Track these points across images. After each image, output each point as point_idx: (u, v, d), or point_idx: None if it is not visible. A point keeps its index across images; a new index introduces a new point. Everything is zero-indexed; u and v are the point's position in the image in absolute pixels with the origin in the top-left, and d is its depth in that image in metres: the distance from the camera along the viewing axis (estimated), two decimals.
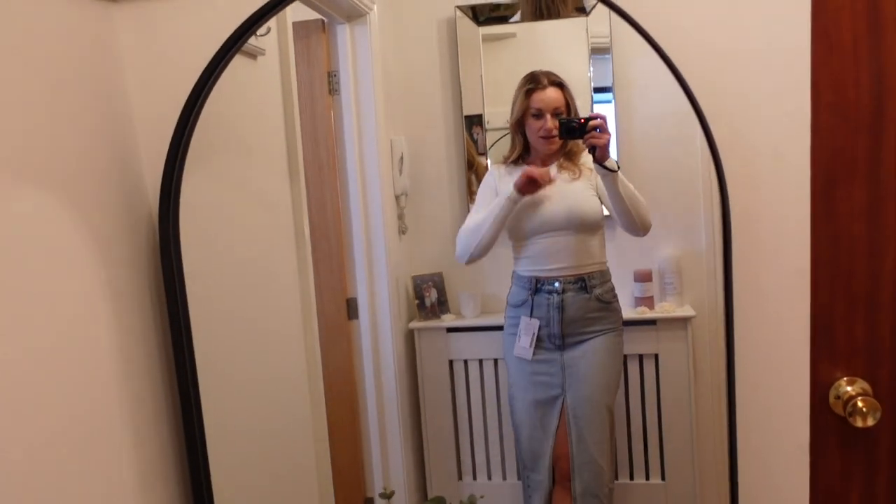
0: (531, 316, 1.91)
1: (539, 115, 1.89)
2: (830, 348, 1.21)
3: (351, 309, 2.17)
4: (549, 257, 1.89)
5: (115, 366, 1.01)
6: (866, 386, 1.22)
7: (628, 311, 2.08)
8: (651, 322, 2.18)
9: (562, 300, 1.90)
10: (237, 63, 1.39)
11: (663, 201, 2.22)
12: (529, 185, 1.86)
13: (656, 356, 2.19)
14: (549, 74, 1.89)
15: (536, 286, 1.91)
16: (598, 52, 2.27)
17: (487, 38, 2.28)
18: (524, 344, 1.91)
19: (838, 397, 1.22)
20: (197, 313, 1.12)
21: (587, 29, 2.24)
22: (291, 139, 1.65)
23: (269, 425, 1.45)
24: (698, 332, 2.23)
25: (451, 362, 2.24)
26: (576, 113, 1.92)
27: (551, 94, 1.89)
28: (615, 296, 1.96)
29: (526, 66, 2.04)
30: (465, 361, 2.23)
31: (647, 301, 2.25)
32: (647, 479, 2.12)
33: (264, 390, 1.45)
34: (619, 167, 1.83)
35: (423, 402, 2.26)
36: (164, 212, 1.05)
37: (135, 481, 1.04)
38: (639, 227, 1.90)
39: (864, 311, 1.20)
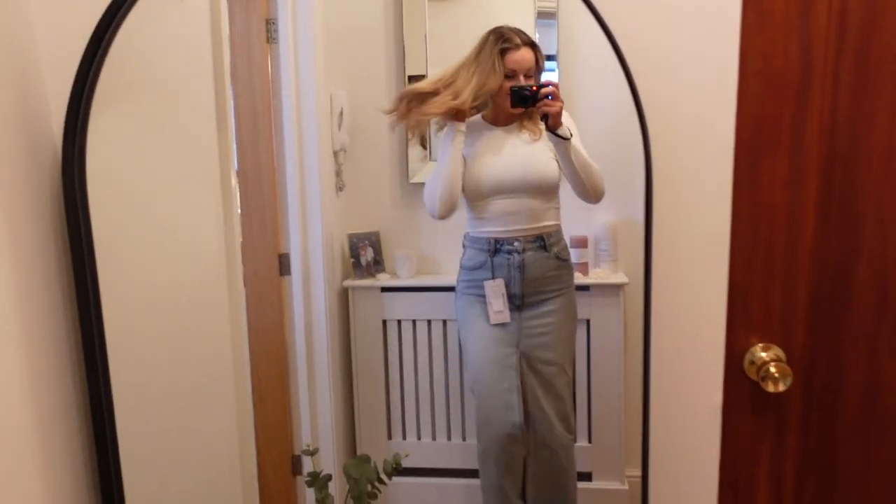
0: (493, 277, 1.91)
1: (512, 75, 1.85)
2: (747, 315, 1.23)
3: (283, 265, 2.13)
4: (507, 218, 1.89)
5: (10, 322, 0.95)
6: (780, 353, 1.25)
7: None
8: (585, 288, 2.20)
9: (522, 259, 1.90)
10: None
11: (603, 169, 2.23)
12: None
13: (588, 322, 2.22)
14: (519, 33, 1.86)
15: (496, 247, 1.90)
16: (544, 16, 2.25)
17: None
18: (498, 308, 1.93)
19: (753, 363, 1.25)
20: (106, 264, 1.07)
21: None
22: (220, 85, 1.58)
23: (185, 383, 1.41)
24: (630, 300, 2.26)
25: (384, 322, 2.23)
26: (542, 72, 1.89)
27: (526, 55, 1.85)
28: (569, 253, 1.99)
29: (472, 28, 2.01)
30: (399, 321, 2.22)
31: (582, 267, 2.26)
32: (575, 442, 2.15)
33: (180, 347, 1.41)
34: (571, 135, 1.82)
35: (354, 361, 2.25)
36: (68, 153, 0.99)
37: (33, 437, 0.99)
38: (590, 194, 1.91)
39: (782, 280, 1.22)
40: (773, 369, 1.21)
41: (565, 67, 2.25)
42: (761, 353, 1.25)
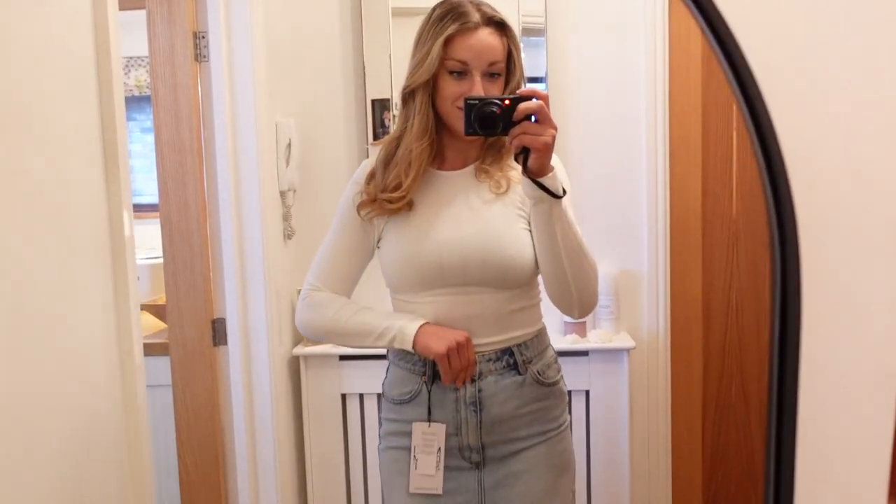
0: (429, 420, 1.12)
1: (463, 72, 1.06)
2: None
3: (218, 333, 1.73)
4: (454, 325, 1.10)
5: None
6: None
7: (556, 340, 1.67)
8: (583, 353, 1.82)
9: (479, 391, 1.11)
10: None
11: (600, 213, 1.90)
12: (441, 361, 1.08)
13: (587, 392, 1.86)
14: (479, 6, 1.07)
15: (434, 369, 1.10)
16: (530, 33, 1.91)
17: (398, 13, 1.91)
18: (426, 470, 1.11)
19: None
20: None
21: (518, 7, 1.85)
22: (108, 113, 1.09)
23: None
24: (636, 365, 1.93)
25: (343, 396, 1.82)
26: (520, 77, 1.13)
27: (486, 40, 1.05)
28: (559, 369, 1.18)
29: None
30: (361, 396, 1.86)
31: (579, 327, 1.88)
32: None
33: (46, 459, 0.90)
34: (565, 192, 1.03)
35: (308, 446, 1.90)
36: None
37: None
38: (573, 300, 1.09)
39: None
40: None
41: (555, 92, 1.86)
42: None
